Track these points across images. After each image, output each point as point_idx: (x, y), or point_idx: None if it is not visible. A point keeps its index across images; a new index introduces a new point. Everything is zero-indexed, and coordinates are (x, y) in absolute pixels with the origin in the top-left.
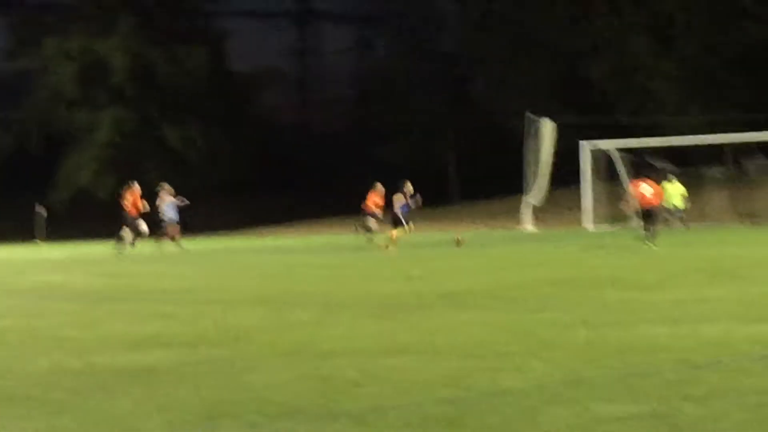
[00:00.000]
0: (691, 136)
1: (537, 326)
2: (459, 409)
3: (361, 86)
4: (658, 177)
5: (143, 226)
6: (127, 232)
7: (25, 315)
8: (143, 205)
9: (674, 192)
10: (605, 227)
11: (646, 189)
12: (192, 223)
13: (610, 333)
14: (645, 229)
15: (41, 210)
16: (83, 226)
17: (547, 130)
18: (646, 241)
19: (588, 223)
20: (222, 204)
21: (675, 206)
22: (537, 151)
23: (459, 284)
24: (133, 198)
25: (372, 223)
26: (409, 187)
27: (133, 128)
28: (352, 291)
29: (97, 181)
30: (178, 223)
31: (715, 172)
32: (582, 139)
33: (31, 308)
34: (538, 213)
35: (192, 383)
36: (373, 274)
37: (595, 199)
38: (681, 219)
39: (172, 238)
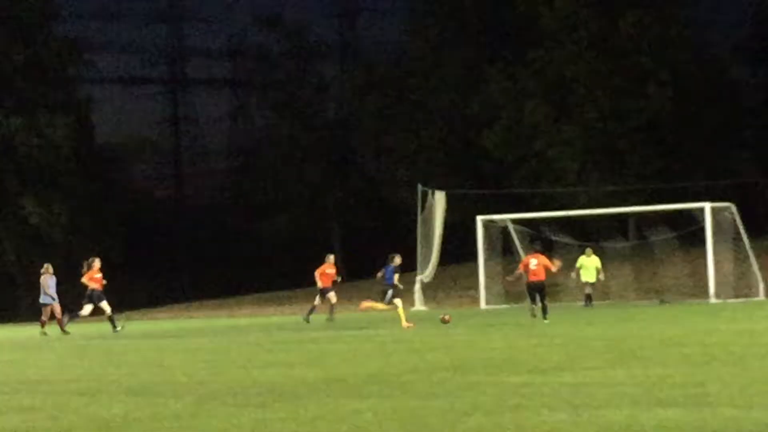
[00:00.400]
0: (591, 210)
1: (428, 414)
2: None
3: (238, 156)
4: (558, 251)
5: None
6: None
7: None
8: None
9: (589, 265)
10: (502, 306)
11: (532, 262)
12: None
13: (507, 420)
14: (533, 303)
15: None
16: None
17: (440, 202)
18: (535, 315)
19: (483, 301)
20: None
21: (587, 281)
22: (429, 224)
23: (346, 369)
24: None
25: (333, 297)
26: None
27: None
28: (229, 378)
29: None
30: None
31: (618, 246)
32: (476, 212)
33: None
34: (430, 291)
35: None
36: (253, 359)
37: (490, 276)
38: (588, 294)
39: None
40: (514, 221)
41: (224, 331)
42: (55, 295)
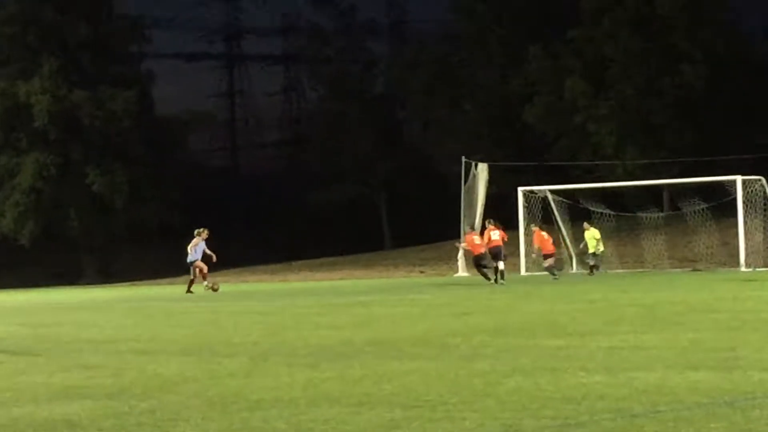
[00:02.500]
0: (627, 182)
1: (470, 375)
2: None
3: (291, 129)
4: (595, 221)
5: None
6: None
7: None
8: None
9: (588, 237)
10: (542, 272)
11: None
12: (116, 269)
13: (544, 382)
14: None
15: None
16: (4, 274)
17: (483, 173)
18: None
19: (522, 268)
20: (148, 250)
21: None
22: (472, 195)
23: (390, 332)
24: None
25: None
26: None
27: (56, 173)
28: (281, 340)
29: (19, 227)
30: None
31: (653, 216)
32: (517, 183)
33: None
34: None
35: None
36: (303, 322)
37: (531, 244)
38: (592, 266)
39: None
40: (554, 192)
41: (277, 295)
42: (199, 255)
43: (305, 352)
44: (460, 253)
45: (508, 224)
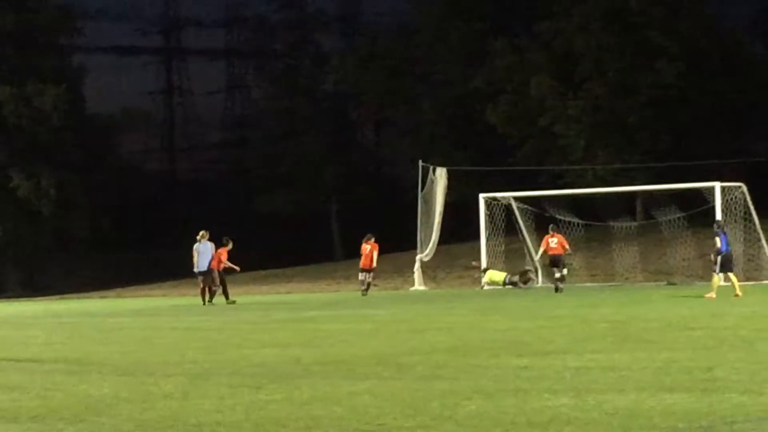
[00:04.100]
0: (598, 188)
1: (427, 397)
2: None
3: (234, 130)
4: (563, 230)
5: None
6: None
7: None
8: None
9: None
10: (505, 285)
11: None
12: (43, 281)
13: (508, 404)
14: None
15: None
16: None
17: (441, 178)
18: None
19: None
20: (77, 261)
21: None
22: (430, 202)
23: (341, 350)
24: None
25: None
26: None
27: None
28: (223, 358)
29: None
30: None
31: (625, 225)
32: (479, 189)
33: None
34: (429, 270)
35: None
36: (246, 339)
37: (493, 256)
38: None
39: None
40: (518, 199)
41: (218, 309)
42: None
43: (249, 371)
44: (417, 266)
45: (470, 234)
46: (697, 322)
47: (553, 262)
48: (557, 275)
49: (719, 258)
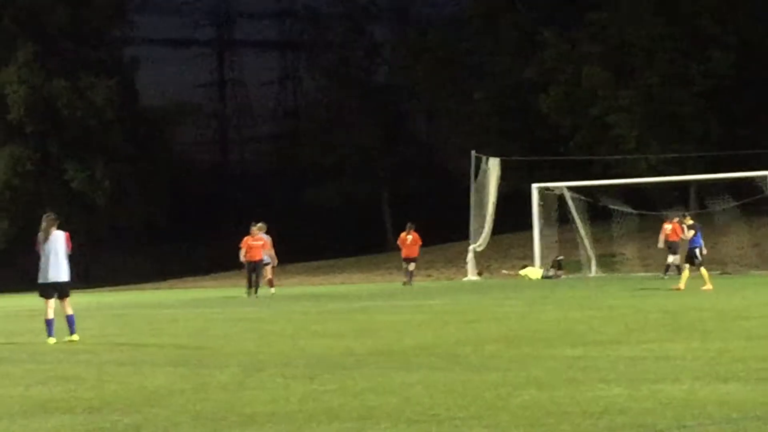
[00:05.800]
0: (651, 178)
1: (480, 387)
2: None
3: (287, 121)
4: (616, 220)
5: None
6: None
7: None
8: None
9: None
10: (557, 275)
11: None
12: (96, 272)
13: (561, 394)
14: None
15: None
16: None
17: (494, 169)
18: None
19: (537, 270)
20: (130, 252)
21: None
22: (482, 192)
23: (394, 341)
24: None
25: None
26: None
27: (33, 168)
28: (277, 349)
29: None
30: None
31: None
32: (531, 179)
33: None
34: (483, 260)
35: None
36: (299, 329)
37: (546, 246)
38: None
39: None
40: (571, 189)
41: (271, 300)
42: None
43: (302, 362)
44: (470, 256)
45: (522, 224)
46: (751, 312)
47: (671, 248)
48: (670, 260)
49: None
